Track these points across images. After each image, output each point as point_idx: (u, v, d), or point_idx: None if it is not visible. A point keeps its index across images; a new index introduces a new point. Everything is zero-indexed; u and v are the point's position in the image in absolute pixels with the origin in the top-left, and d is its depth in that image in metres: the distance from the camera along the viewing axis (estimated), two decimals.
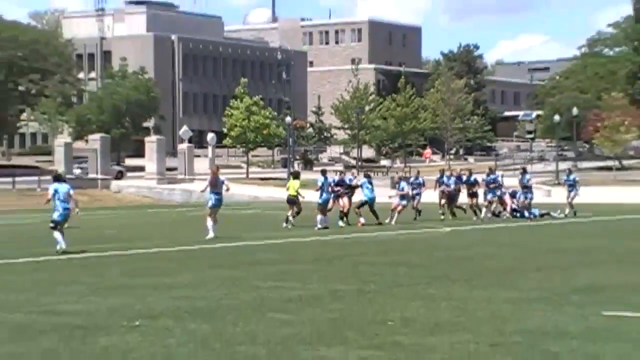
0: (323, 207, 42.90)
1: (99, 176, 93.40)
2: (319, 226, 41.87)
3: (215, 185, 36.99)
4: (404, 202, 46.91)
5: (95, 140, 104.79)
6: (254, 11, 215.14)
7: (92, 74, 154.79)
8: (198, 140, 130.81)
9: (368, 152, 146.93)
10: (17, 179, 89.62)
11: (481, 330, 15.72)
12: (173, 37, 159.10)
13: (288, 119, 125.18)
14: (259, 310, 17.93)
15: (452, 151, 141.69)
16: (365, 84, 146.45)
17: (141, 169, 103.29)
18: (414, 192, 50.27)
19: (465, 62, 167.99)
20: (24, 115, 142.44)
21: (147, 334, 15.59)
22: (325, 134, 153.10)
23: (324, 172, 46.89)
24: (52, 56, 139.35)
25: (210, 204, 36.95)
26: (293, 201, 44.08)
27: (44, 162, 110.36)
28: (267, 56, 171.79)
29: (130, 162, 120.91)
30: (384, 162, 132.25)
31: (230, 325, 16.40)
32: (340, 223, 44.11)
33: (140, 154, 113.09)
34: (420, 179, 52.01)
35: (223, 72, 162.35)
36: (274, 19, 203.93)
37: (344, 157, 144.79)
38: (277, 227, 43.06)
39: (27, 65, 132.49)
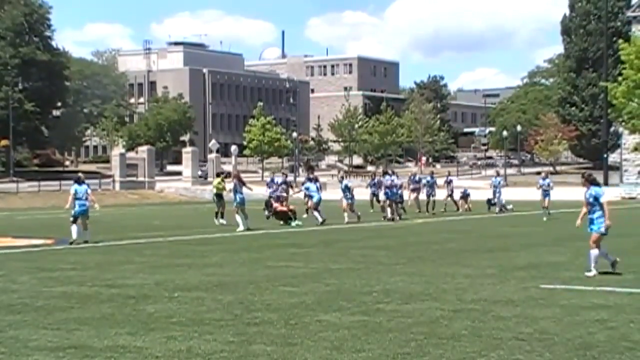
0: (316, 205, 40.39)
1: (147, 179, 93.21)
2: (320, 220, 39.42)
3: (237, 187, 36.45)
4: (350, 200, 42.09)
5: (143, 151, 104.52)
6: (268, 50, 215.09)
7: (141, 99, 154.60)
8: (224, 151, 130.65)
9: (357, 160, 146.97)
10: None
11: (446, 299, 15.77)
12: (204, 70, 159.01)
13: (294, 134, 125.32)
14: (272, 284, 17.95)
15: (424, 159, 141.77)
16: (355, 107, 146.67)
17: (179, 173, 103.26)
18: (428, 190, 50.50)
19: (434, 89, 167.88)
20: (88, 132, 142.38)
21: (184, 303, 15.63)
22: (323, 146, 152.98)
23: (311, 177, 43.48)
24: (110, 85, 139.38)
25: (235, 202, 36.44)
26: (220, 196, 40.79)
27: (103, 168, 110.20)
28: (278, 85, 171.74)
29: (170, 168, 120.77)
30: (370, 168, 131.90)
31: (249, 295, 16.42)
32: (294, 223, 40.07)
33: (178, 161, 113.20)
34: (429, 179, 51.73)
35: (243, 97, 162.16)
36: (283, 56, 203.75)
37: (338, 164, 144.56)
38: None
39: (90, 92, 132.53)
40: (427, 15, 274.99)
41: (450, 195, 52.60)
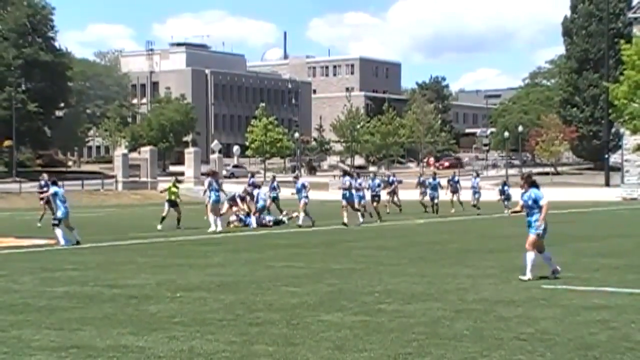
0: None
1: (149, 179, 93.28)
2: (300, 223, 38.34)
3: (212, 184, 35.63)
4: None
5: (145, 151, 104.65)
6: (270, 51, 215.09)
7: (144, 100, 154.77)
8: (226, 151, 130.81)
9: (359, 160, 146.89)
10: (85, 182, 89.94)
11: (448, 300, 15.76)
12: (207, 71, 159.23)
13: (296, 134, 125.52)
14: (273, 284, 17.95)
15: (425, 160, 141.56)
16: (356, 108, 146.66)
17: (181, 174, 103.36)
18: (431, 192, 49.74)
19: (435, 90, 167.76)
20: (91, 132, 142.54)
21: (186, 303, 15.63)
22: (325, 146, 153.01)
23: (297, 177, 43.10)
24: (113, 86, 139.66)
25: (211, 200, 35.62)
26: (174, 204, 39.15)
27: (106, 169, 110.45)
28: (280, 86, 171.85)
29: (173, 168, 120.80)
30: (372, 168, 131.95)
31: (251, 295, 16.41)
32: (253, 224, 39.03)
33: (180, 162, 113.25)
34: (431, 180, 50.98)
35: (245, 98, 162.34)
36: (285, 57, 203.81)
37: (340, 164, 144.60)
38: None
39: (93, 93, 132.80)
40: (428, 16, 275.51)
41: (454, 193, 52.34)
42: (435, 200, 49.61)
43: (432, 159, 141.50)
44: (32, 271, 21.46)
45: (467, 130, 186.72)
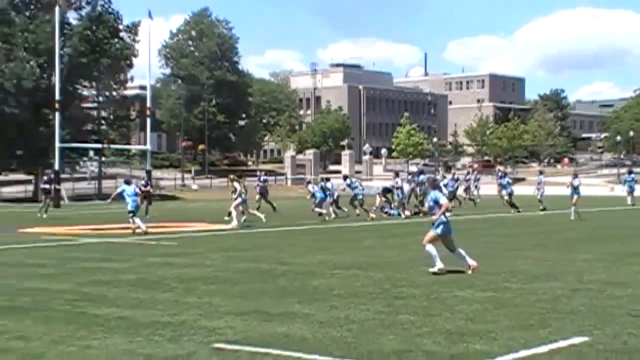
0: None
1: (312, 176, 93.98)
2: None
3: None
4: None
5: (310, 153, 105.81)
6: (413, 69, 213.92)
7: (308, 112, 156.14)
8: (375, 153, 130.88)
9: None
10: (261, 178, 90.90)
11: (566, 280, 15.34)
12: (360, 86, 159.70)
13: (434, 139, 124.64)
14: (415, 265, 17.71)
15: (546, 160, 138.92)
16: (486, 116, 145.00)
17: (339, 172, 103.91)
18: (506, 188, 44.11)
19: (555, 101, 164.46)
20: (266, 138, 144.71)
21: (342, 278, 15.66)
22: (459, 149, 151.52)
23: (328, 179, 40.04)
24: (284, 100, 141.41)
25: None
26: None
27: (278, 167, 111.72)
28: (421, 98, 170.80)
29: (332, 167, 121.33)
30: (499, 167, 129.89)
31: (396, 273, 16.32)
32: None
33: (338, 162, 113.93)
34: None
35: (392, 109, 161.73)
36: (426, 74, 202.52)
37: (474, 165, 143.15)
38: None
39: (268, 106, 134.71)
40: (549, 38, 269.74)
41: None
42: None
43: (566, 159, 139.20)
44: (221, 250, 21.90)
45: (584, 135, 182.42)
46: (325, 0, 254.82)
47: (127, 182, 30.34)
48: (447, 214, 16.67)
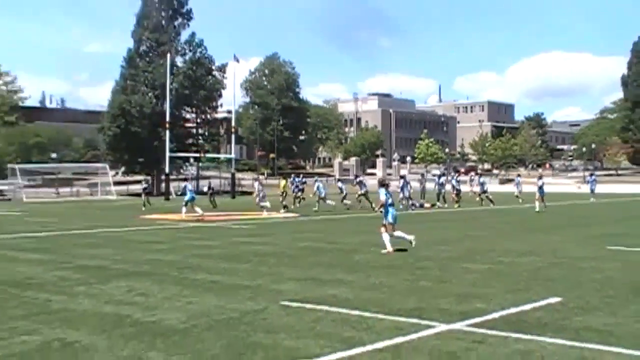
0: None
1: (352, 177, 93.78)
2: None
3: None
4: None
5: (352, 160, 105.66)
6: (430, 97, 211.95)
7: (351, 129, 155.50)
8: (402, 160, 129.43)
9: (487, 165, 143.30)
10: (317, 178, 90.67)
11: (545, 256, 15.08)
12: (390, 110, 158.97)
13: (447, 150, 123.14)
14: (431, 245, 17.53)
15: (530, 166, 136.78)
16: (485, 133, 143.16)
17: (374, 174, 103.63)
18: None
19: (537, 121, 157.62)
20: (320, 148, 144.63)
21: (377, 254, 15.52)
22: (465, 157, 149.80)
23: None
24: (333, 121, 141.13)
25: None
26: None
27: (329, 171, 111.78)
28: (436, 119, 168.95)
29: (369, 170, 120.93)
30: (495, 171, 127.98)
31: (417, 251, 16.10)
32: None
33: (374, 166, 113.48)
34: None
35: (415, 127, 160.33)
36: (440, 101, 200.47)
37: (473, 168, 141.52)
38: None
39: (321, 125, 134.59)
40: (533, 73, 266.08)
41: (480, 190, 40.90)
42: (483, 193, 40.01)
43: (547, 165, 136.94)
44: (285, 232, 21.94)
45: (558, 147, 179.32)
46: (364, 46, 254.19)
47: (186, 180, 30.81)
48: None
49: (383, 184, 16.55)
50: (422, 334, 7.96)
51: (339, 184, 40.72)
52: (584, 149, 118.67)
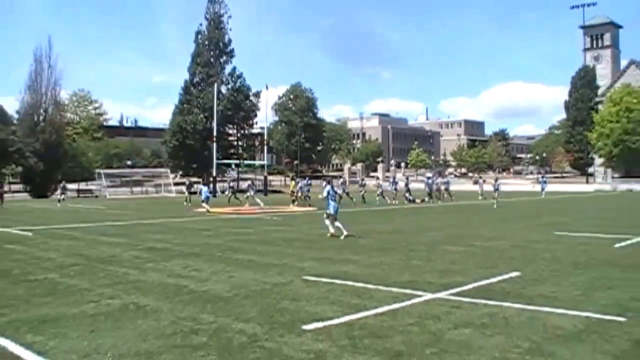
0: None
1: (364, 178, 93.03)
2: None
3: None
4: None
5: (358, 165, 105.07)
6: (419, 116, 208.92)
7: (358, 141, 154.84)
8: (397, 165, 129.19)
9: (463, 170, 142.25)
10: (302, 182, 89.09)
11: (508, 240, 14.86)
12: (388, 126, 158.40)
13: (432, 157, 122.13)
14: (420, 231, 17.35)
15: (497, 170, 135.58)
16: (463, 144, 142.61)
17: (376, 176, 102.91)
18: None
19: (502, 135, 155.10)
20: (333, 156, 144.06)
21: (378, 239, 15.34)
22: (447, 163, 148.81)
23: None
24: (343, 135, 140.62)
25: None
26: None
27: (339, 174, 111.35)
28: (424, 133, 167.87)
29: (372, 174, 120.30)
30: (470, 174, 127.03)
31: (409, 236, 15.99)
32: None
33: (375, 170, 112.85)
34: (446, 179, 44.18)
35: (407, 140, 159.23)
36: (427, 119, 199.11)
37: (450, 173, 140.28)
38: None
39: (335, 138, 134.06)
40: (499, 98, 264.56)
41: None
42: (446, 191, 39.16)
43: (511, 169, 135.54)
44: (306, 223, 21.83)
45: (518, 155, 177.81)
46: (369, 77, 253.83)
47: (205, 184, 29.68)
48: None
49: (328, 182, 16.35)
50: (413, 301, 7.95)
51: (342, 186, 39.80)
52: (537, 157, 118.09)
